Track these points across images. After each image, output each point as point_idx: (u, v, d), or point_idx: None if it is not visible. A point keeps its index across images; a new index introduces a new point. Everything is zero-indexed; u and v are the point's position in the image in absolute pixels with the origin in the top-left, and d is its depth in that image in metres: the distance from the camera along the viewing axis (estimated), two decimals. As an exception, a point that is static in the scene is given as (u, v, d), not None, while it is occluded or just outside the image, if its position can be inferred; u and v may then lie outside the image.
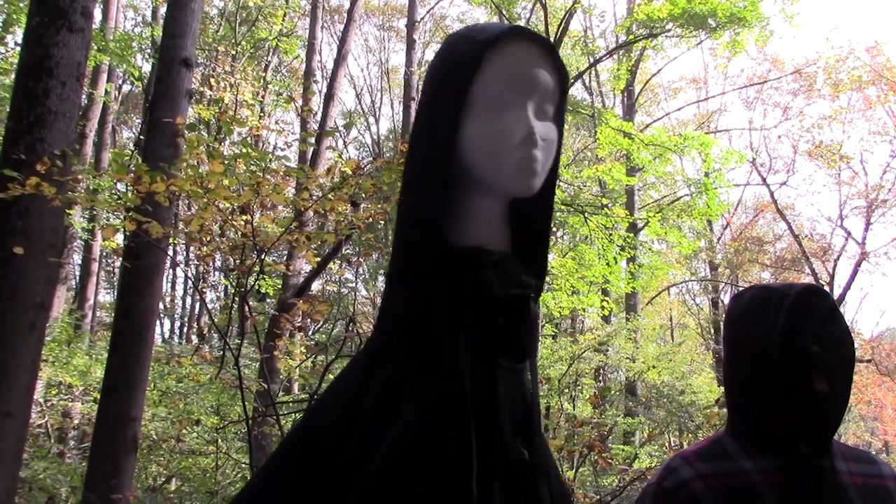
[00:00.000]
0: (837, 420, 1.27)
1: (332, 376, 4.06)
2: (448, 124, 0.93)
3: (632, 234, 12.53)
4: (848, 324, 1.31)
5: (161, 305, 18.61)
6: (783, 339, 1.25)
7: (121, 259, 5.23)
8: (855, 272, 17.06)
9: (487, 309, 0.92)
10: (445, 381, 0.89)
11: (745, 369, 1.31)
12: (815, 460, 1.26)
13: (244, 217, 4.35)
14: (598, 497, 6.45)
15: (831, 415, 1.26)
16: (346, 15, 14.81)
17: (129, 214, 4.27)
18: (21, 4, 8.75)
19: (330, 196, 4.44)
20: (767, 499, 1.22)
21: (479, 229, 0.96)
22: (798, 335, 1.26)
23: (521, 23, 12.41)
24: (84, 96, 11.18)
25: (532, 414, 0.97)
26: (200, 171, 4.21)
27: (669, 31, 10.37)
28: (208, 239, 5.09)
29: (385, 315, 0.97)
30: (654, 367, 13.08)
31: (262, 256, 4.53)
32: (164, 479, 8.49)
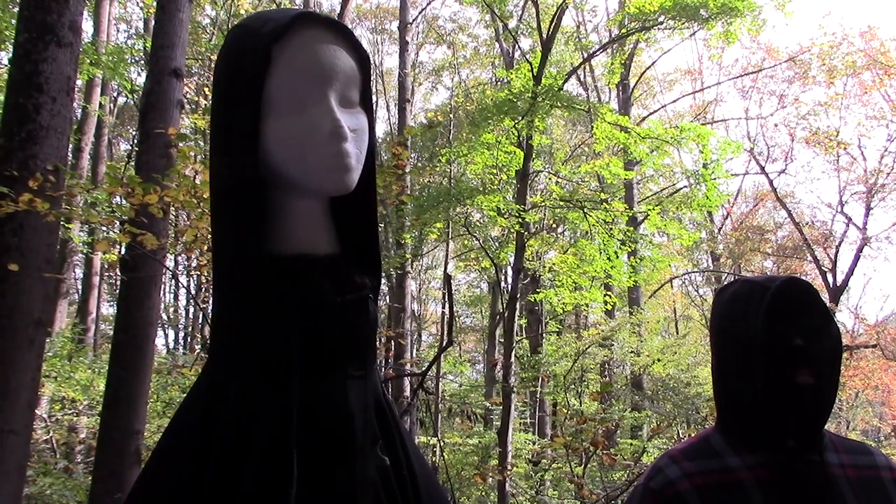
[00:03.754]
0: (825, 412, 1.25)
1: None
2: (247, 128, 0.84)
3: (632, 228, 12.48)
4: (832, 313, 1.29)
5: (165, 316, 18.66)
6: (765, 333, 1.23)
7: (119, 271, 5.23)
8: (857, 258, 17.06)
9: (324, 318, 0.86)
10: (287, 399, 0.84)
11: (730, 365, 1.30)
12: (804, 454, 1.24)
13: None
14: (606, 493, 6.44)
15: (818, 408, 1.25)
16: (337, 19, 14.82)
17: (124, 227, 4.27)
18: (13, 21, 8.76)
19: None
20: (755, 496, 1.20)
21: (301, 234, 0.89)
22: (780, 329, 1.24)
23: (513, 21, 12.36)
24: (79, 110, 11.20)
25: (389, 418, 0.93)
26: (196, 181, 4.20)
27: (662, 23, 10.34)
28: (205, 248, 5.09)
29: (218, 338, 0.90)
30: (659, 360, 13.05)
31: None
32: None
